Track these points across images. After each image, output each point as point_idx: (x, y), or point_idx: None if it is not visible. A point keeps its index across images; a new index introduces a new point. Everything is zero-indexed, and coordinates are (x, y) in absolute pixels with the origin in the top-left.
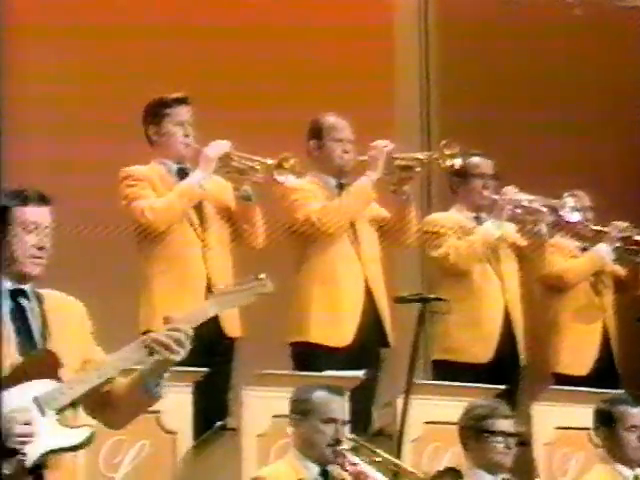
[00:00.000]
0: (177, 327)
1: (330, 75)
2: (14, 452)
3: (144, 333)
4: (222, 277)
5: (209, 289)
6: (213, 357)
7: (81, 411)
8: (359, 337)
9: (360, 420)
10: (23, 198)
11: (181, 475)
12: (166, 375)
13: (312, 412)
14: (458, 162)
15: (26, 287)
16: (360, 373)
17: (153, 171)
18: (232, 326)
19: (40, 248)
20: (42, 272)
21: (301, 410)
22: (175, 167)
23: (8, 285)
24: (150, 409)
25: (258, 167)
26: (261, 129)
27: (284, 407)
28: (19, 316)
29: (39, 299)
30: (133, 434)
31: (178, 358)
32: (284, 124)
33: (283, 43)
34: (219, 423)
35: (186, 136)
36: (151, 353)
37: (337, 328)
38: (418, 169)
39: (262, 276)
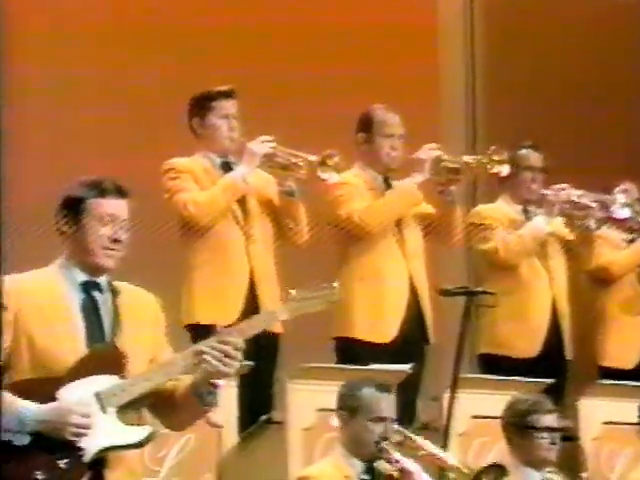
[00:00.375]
0: (227, 340)
1: (375, 75)
2: (70, 446)
3: (187, 326)
4: (265, 272)
5: (252, 283)
6: (258, 351)
7: (144, 410)
8: (403, 333)
9: (405, 414)
10: (101, 190)
11: (226, 469)
12: (219, 385)
13: (360, 410)
14: (506, 169)
15: (100, 280)
16: (406, 367)
17: (196, 164)
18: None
19: (115, 240)
20: (116, 265)
21: (349, 407)
22: (219, 160)
23: (81, 277)
24: None
25: (301, 163)
26: (306, 124)
27: (329, 401)
28: (90, 309)
29: (114, 292)
30: None
31: (230, 371)
32: (329, 120)
33: (329, 40)
34: (264, 417)
35: (231, 130)
36: (199, 363)
37: (381, 324)
38: (465, 172)
39: (335, 284)
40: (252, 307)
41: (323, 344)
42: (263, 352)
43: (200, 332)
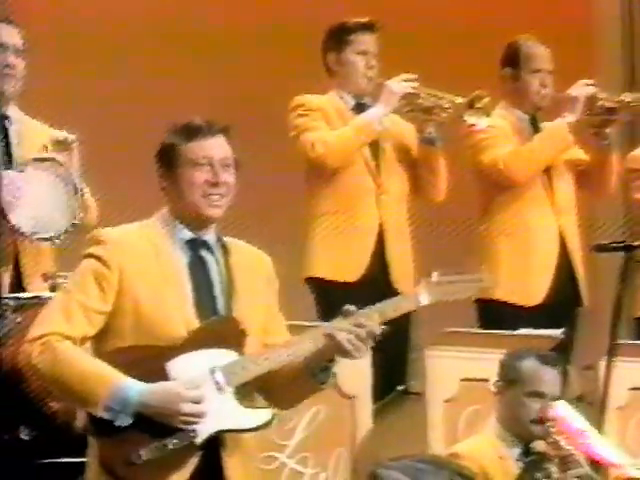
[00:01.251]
0: (363, 323)
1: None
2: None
3: (306, 280)
4: (397, 227)
5: (380, 238)
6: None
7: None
8: (552, 294)
9: None
10: (189, 132)
11: (360, 443)
12: (335, 361)
13: (518, 382)
14: None
15: (208, 237)
16: (557, 332)
17: (329, 102)
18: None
19: (215, 184)
20: (222, 213)
21: (507, 378)
22: (353, 102)
23: (186, 234)
24: None
25: (447, 106)
26: (447, 63)
27: (474, 369)
28: (199, 272)
29: (225, 250)
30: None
31: (360, 356)
32: (472, 59)
33: None
34: (401, 387)
35: (369, 68)
36: (330, 345)
37: (528, 285)
38: (622, 112)
39: (483, 270)
40: (379, 265)
41: (463, 306)
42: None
43: (320, 287)
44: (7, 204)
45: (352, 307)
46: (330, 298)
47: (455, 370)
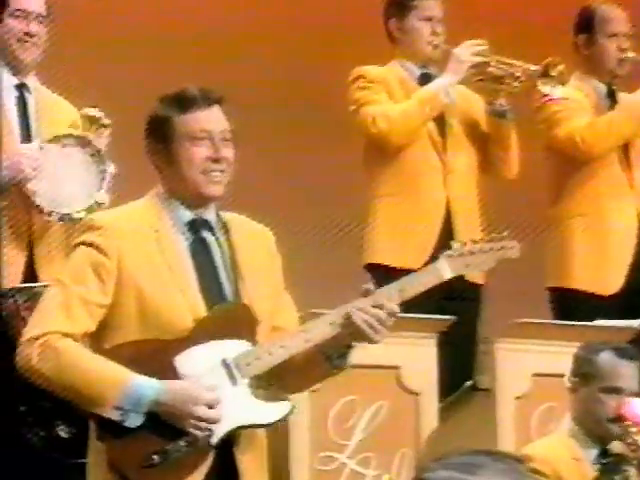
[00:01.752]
0: (383, 304)
1: None
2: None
3: (367, 266)
4: (465, 208)
5: (448, 221)
6: (456, 304)
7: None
8: (629, 283)
9: None
10: (182, 102)
11: (425, 443)
12: (353, 347)
13: (594, 377)
14: None
15: (209, 216)
16: (636, 323)
17: (392, 73)
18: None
19: (216, 160)
20: (223, 191)
21: (582, 373)
22: (418, 71)
23: (186, 215)
24: (388, 364)
25: (519, 74)
26: (516, 30)
27: (547, 364)
28: (202, 254)
29: (225, 229)
30: (368, 394)
31: (378, 339)
32: (542, 26)
33: None
34: (468, 382)
35: (434, 34)
36: (348, 328)
37: (604, 273)
38: None
39: (507, 237)
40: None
41: (534, 295)
42: (463, 305)
43: (381, 275)
44: (25, 177)
45: (371, 286)
46: None
47: (527, 364)
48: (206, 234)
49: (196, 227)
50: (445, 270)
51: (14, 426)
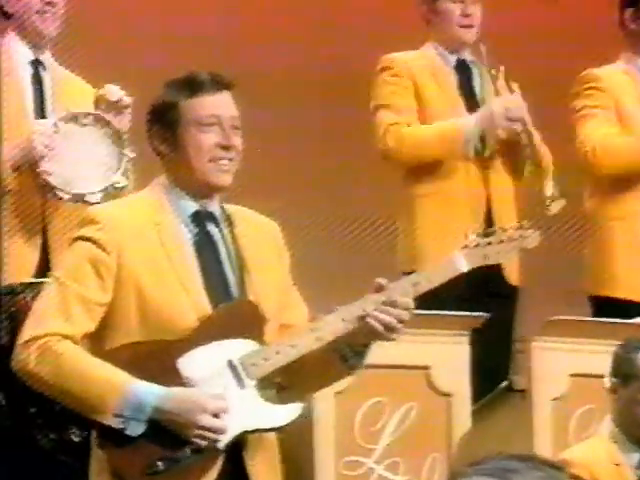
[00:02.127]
0: (396, 301)
1: None
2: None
3: (406, 274)
4: (506, 208)
5: (488, 219)
6: (490, 300)
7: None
8: None
9: None
10: (190, 86)
11: (457, 447)
12: (370, 347)
13: (634, 377)
14: None
15: (213, 207)
16: None
17: (424, 59)
18: (512, 270)
19: (226, 147)
20: (230, 181)
21: (622, 373)
22: (453, 58)
23: (190, 207)
24: (418, 364)
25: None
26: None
27: (586, 363)
28: (206, 249)
29: (229, 223)
30: (397, 395)
31: (393, 337)
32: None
33: None
34: (504, 383)
35: (465, 16)
36: (363, 326)
37: None
38: None
39: (526, 225)
40: None
41: (572, 291)
42: (498, 301)
43: None
44: (38, 155)
45: (383, 280)
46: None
47: (564, 364)
48: (211, 227)
49: (201, 219)
50: (461, 263)
51: (25, 428)
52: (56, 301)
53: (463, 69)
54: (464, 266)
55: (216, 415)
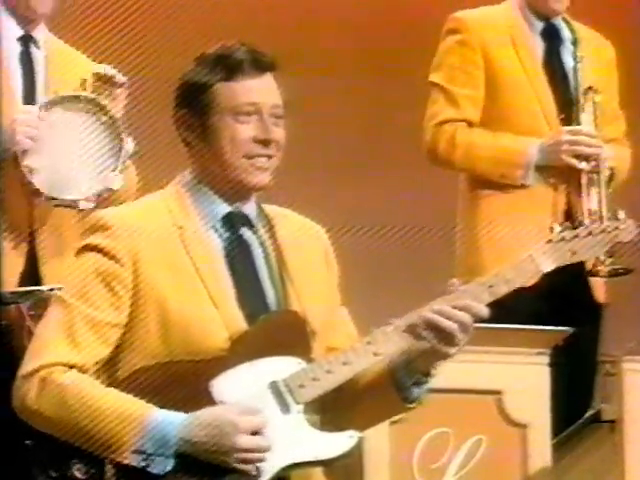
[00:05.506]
0: (467, 304)
1: None
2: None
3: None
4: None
5: (567, 216)
6: (574, 315)
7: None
8: None
9: None
10: (226, 67)
11: None
12: (433, 372)
13: None
14: None
15: (249, 209)
16: None
17: (504, 19)
18: (600, 286)
19: (264, 142)
20: (270, 180)
21: None
22: (540, 25)
23: (221, 208)
24: (489, 388)
25: None
26: None
27: None
28: (240, 257)
29: (268, 224)
30: (463, 425)
31: (455, 352)
32: None
33: None
34: (590, 412)
35: None
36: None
37: None
38: None
39: (621, 215)
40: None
41: None
42: (582, 316)
43: None
44: (21, 148)
45: (455, 281)
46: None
47: None
48: (245, 231)
49: (234, 223)
50: (544, 261)
51: (21, 464)
52: (60, 325)
53: (552, 37)
54: (548, 265)
55: (254, 432)
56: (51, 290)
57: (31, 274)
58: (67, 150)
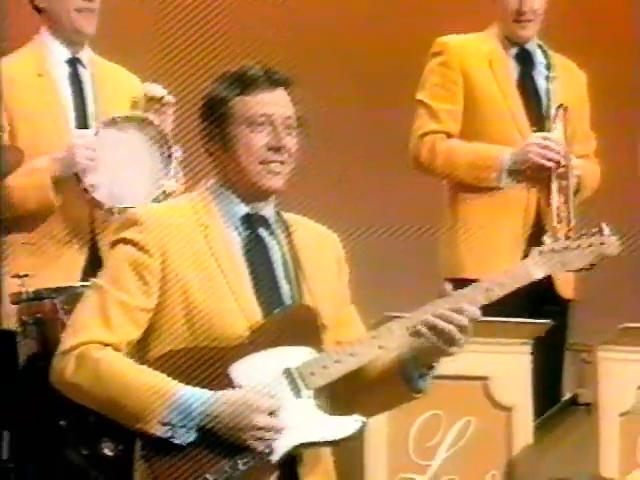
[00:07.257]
0: (462, 308)
1: None
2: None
3: (447, 280)
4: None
5: (538, 221)
6: (545, 309)
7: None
8: None
9: None
10: (243, 82)
11: (518, 464)
12: (436, 366)
13: None
14: None
15: (267, 212)
16: None
17: (483, 44)
18: (566, 283)
19: (276, 149)
20: (283, 184)
21: None
22: (514, 50)
23: (240, 209)
24: (476, 375)
25: None
26: None
27: None
28: (257, 253)
29: (285, 228)
30: (453, 409)
31: (455, 351)
32: None
33: None
34: (568, 396)
35: (521, 14)
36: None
37: None
38: None
39: (606, 231)
40: None
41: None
42: (552, 310)
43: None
44: (81, 169)
45: (449, 286)
46: None
47: (634, 376)
48: (262, 231)
49: (252, 223)
50: (535, 270)
51: (54, 443)
52: (96, 308)
53: (525, 61)
54: (538, 273)
55: (271, 413)
56: (83, 286)
57: (92, 271)
58: (122, 164)
